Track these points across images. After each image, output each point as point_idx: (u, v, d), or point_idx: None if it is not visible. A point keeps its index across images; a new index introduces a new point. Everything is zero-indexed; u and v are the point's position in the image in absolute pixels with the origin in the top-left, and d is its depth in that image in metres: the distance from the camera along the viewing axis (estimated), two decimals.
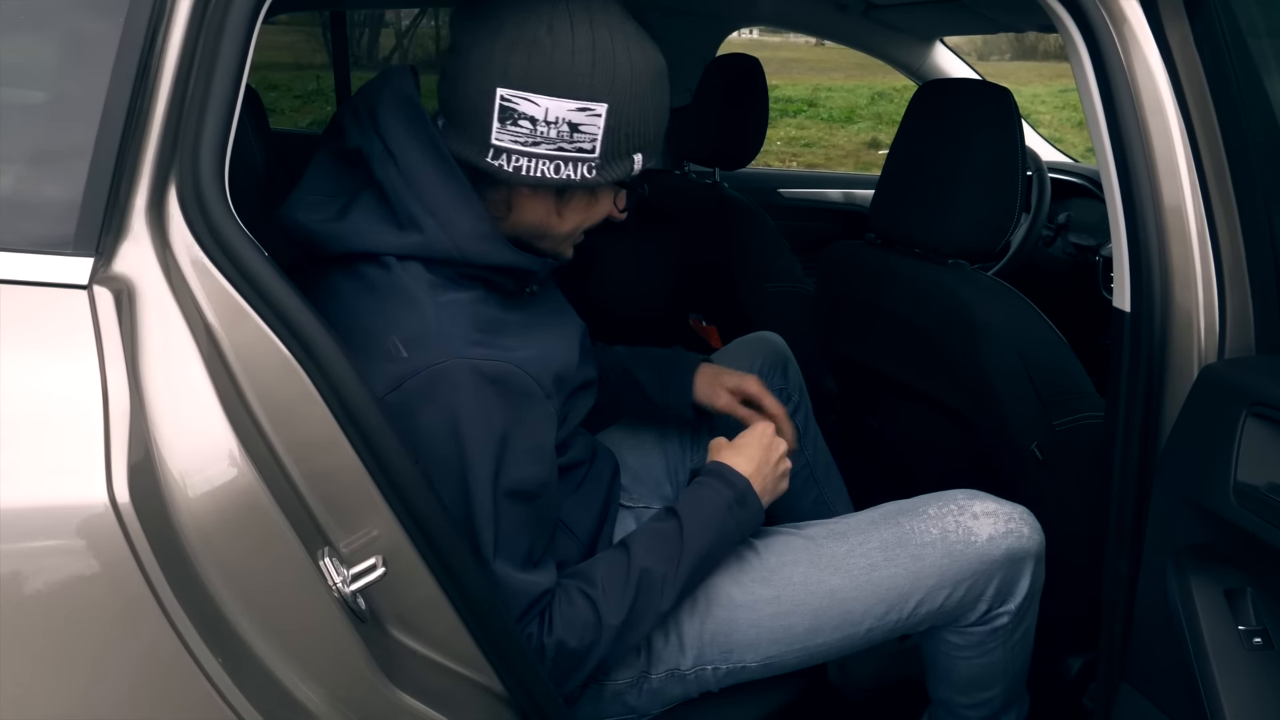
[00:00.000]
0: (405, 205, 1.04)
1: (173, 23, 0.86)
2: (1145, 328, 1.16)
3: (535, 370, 1.06)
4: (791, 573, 1.27)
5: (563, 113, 1.03)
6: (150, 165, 0.85)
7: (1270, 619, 0.98)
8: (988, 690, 1.42)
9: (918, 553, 1.26)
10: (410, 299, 1.03)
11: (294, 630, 0.85)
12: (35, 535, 0.73)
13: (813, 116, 10.98)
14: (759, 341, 1.77)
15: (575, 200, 1.12)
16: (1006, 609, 1.31)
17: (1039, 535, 1.31)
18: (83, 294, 0.79)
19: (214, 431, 0.82)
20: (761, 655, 1.25)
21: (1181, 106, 1.11)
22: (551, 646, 1.09)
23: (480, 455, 1.02)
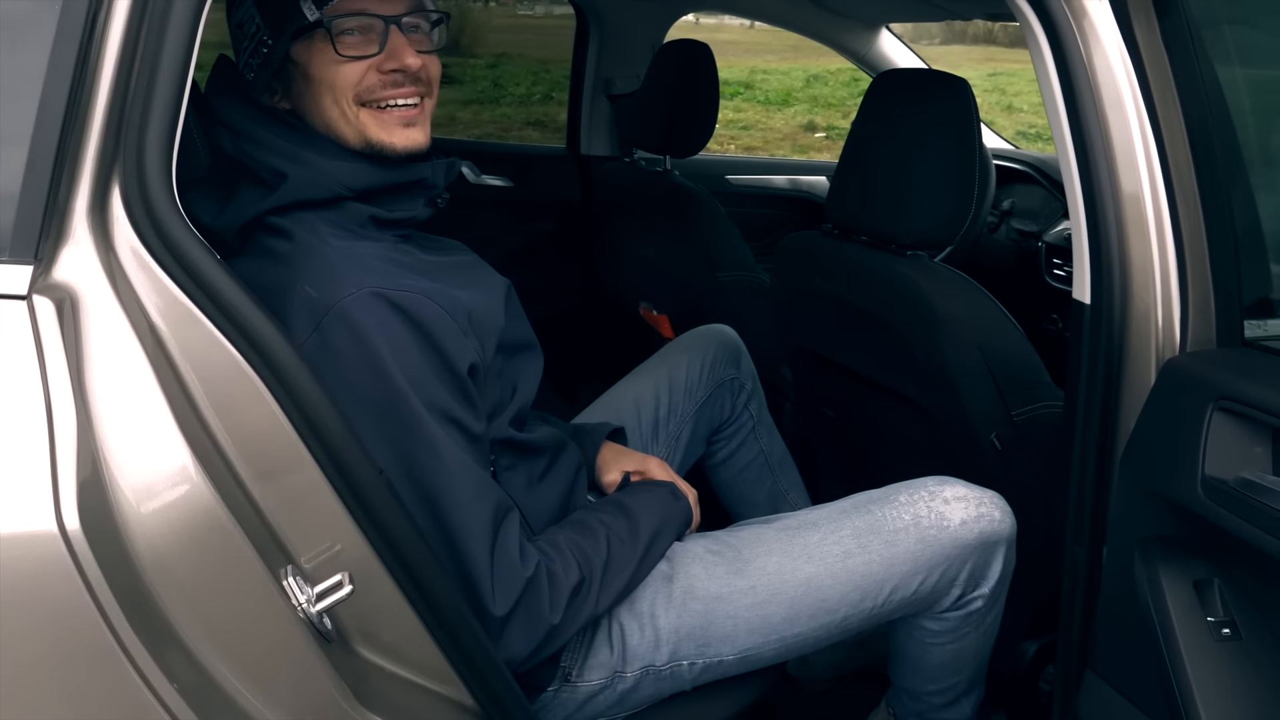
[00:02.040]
0: (266, 164, 1.08)
1: (114, 7, 0.81)
2: (1105, 320, 1.17)
3: (444, 302, 1.06)
4: (766, 563, 1.26)
5: (233, 24, 1.13)
6: (91, 163, 0.80)
7: (1238, 610, 1.00)
8: (957, 675, 1.43)
9: (891, 539, 1.26)
10: (312, 250, 1.05)
11: (257, 656, 0.81)
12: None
13: (749, 99, 10.99)
14: (711, 334, 1.77)
15: (296, 81, 1.13)
16: (980, 593, 1.32)
17: (1010, 519, 1.33)
18: (21, 304, 0.74)
19: (168, 447, 0.78)
20: (739, 648, 1.24)
21: (1147, 102, 1.12)
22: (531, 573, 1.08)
23: (404, 382, 1.02)
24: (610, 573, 1.17)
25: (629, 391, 1.70)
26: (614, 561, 1.18)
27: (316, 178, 1.08)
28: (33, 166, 0.76)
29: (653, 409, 1.67)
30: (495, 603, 1.04)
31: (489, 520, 1.06)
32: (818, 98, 10.88)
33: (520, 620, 1.07)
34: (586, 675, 1.22)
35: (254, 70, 1.11)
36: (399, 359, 1.02)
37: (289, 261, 1.04)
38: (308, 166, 1.08)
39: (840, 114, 10.07)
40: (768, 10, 2.83)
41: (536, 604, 1.08)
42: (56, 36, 0.77)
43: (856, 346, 1.73)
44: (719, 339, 1.75)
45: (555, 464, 1.32)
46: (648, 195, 2.46)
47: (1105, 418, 1.19)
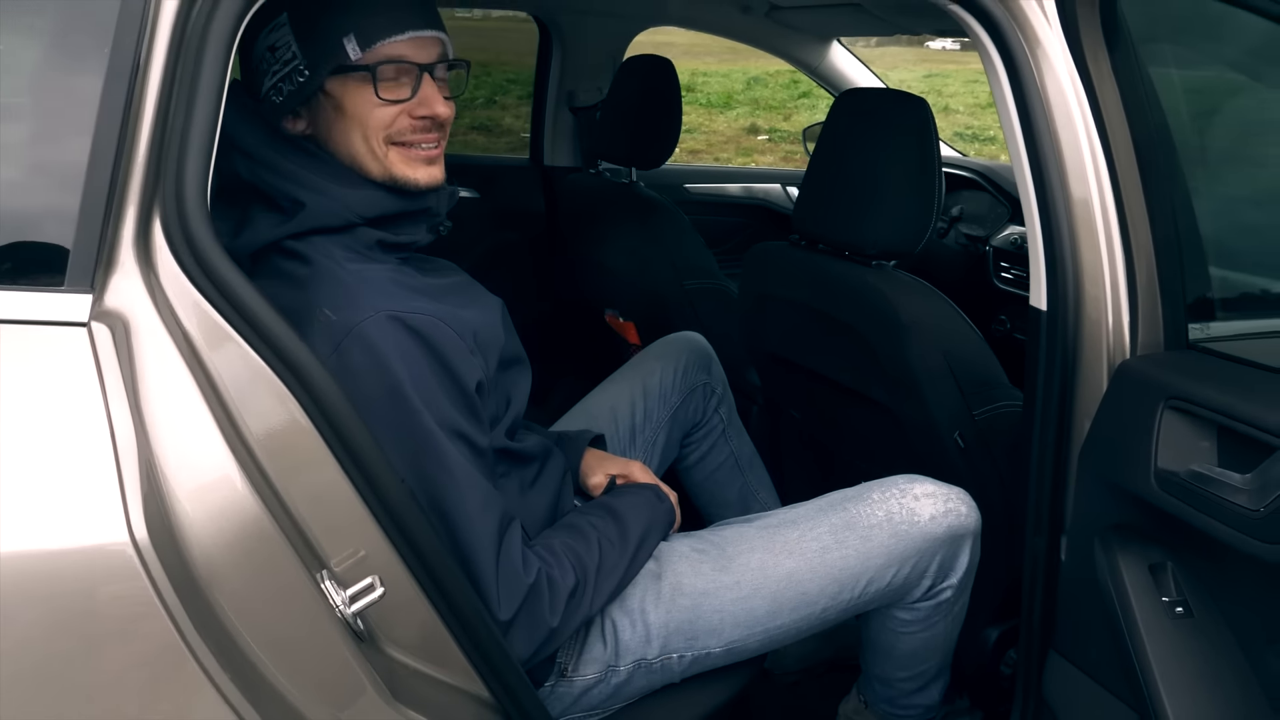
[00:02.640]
0: (283, 191, 1.13)
1: (152, 58, 0.86)
2: (1060, 325, 1.25)
3: (453, 324, 1.12)
4: (749, 559, 1.33)
5: (264, 42, 1.14)
6: (136, 196, 0.85)
7: (1190, 590, 1.09)
8: (926, 663, 1.52)
9: (866, 534, 1.35)
10: (328, 275, 1.10)
11: (301, 654, 0.87)
12: (64, 579, 0.73)
13: (691, 102, 10.95)
14: (683, 341, 1.85)
15: (325, 113, 1.17)
16: (949, 583, 1.41)
17: (975, 513, 1.41)
18: (83, 331, 0.79)
19: (215, 460, 0.83)
20: (725, 640, 1.31)
21: (1097, 122, 1.21)
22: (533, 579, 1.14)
23: (418, 400, 1.07)
24: (603, 575, 1.24)
25: (605, 399, 1.76)
26: (606, 564, 1.25)
27: (333, 206, 1.13)
28: (87, 202, 0.81)
29: (629, 415, 1.74)
30: (500, 608, 1.11)
31: (495, 531, 1.12)
32: (759, 100, 10.90)
33: (523, 624, 1.14)
34: (581, 670, 1.29)
35: (282, 95, 1.15)
36: (413, 378, 1.07)
37: (305, 285, 1.09)
38: (325, 195, 1.12)
39: (781, 116, 10.11)
40: (725, 26, 2.90)
41: (538, 609, 1.15)
42: (105, 84, 0.82)
43: (823, 352, 1.81)
44: (690, 346, 1.82)
45: (544, 470, 1.39)
46: (614, 206, 2.51)
47: (1062, 417, 1.28)
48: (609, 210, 2.52)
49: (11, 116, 0.83)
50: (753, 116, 10.36)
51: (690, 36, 3.30)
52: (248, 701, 0.79)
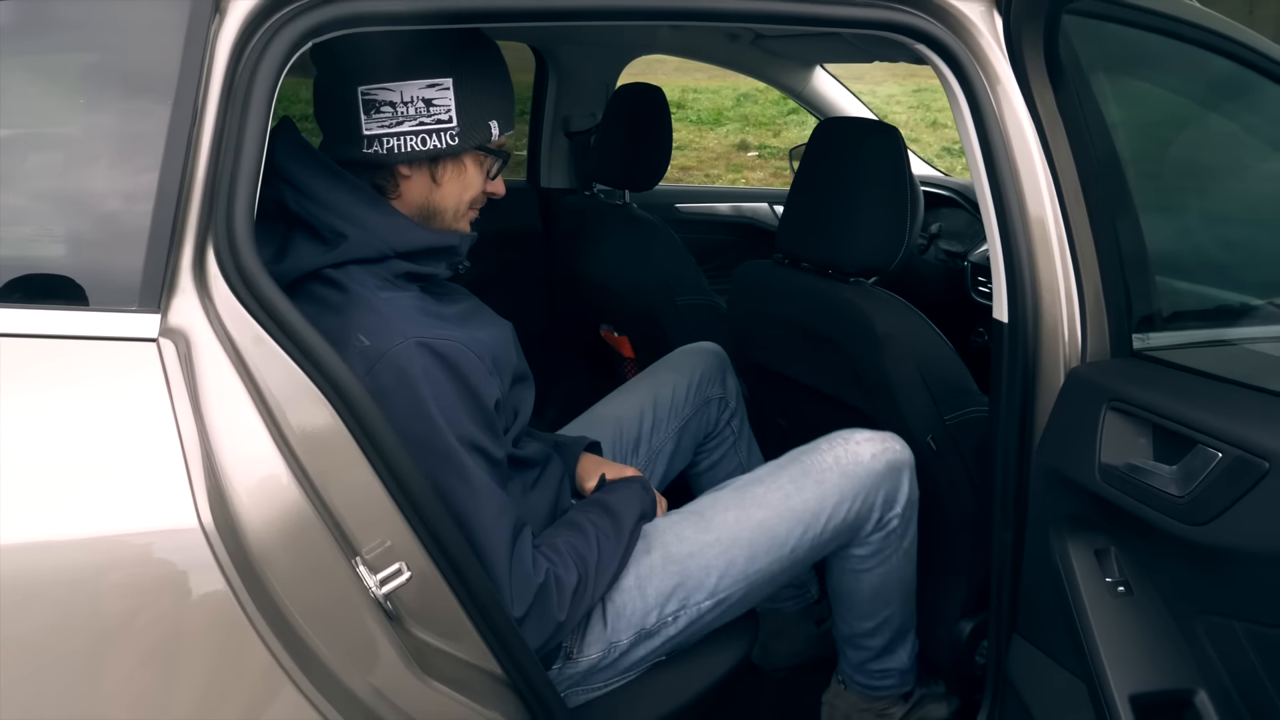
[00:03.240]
0: (326, 223, 1.24)
1: (206, 109, 0.97)
2: (1020, 336, 1.37)
3: (476, 349, 1.24)
4: (725, 517, 1.49)
5: (416, 92, 1.25)
6: (193, 231, 0.97)
7: (1131, 571, 1.22)
8: (887, 607, 1.67)
9: (820, 478, 1.52)
10: (362, 303, 1.22)
11: (341, 628, 0.98)
12: (143, 557, 0.85)
13: (681, 119, 10.91)
14: (700, 353, 1.97)
15: (448, 173, 1.32)
16: (895, 513, 1.58)
17: (908, 451, 1.60)
18: (153, 346, 0.90)
19: (265, 458, 0.95)
20: (711, 592, 1.45)
21: (1045, 152, 1.33)
22: (542, 579, 1.26)
23: (441, 418, 1.19)
24: (602, 568, 1.37)
25: (614, 408, 1.88)
26: (604, 557, 1.38)
27: (371, 240, 1.24)
28: (154, 235, 0.93)
29: (635, 424, 1.85)
30: (513, 606, 1.23)
31: (509, 537, 1.24)
32: (748, 116, 10.88)
33: (534, 619, 1.27)
34: (586, 651, 1.41)
35: (413, 146, 1.26)
36: (438, 399, 1.19)
37: (342, 311, 1.20)
38: (365, 229, 1.24)
39: (771, 133, 10.10)
40: (713, 54, 3.02)
41: (546, 605, 1.27)
42: (170, 127, 0.94)
43: (806, 363, 1.92)
44: (706, 359, 1.94)
45: (544, 474, 1.51)
46: (608, 226, 2.62)
47: (1023, 420, 1.39)
48: (603, 230, 2.63)
49: (87, 161, 0.95)
50: (743, 133, 10.37)
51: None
52: (296, 666, 0.91)
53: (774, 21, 1.33)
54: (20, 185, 0.94)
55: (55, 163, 0.96)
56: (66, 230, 0.94)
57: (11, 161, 0.94)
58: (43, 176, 0.95)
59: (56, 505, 0.84)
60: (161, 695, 0.86)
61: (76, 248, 0.93)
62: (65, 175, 0.95)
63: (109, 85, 0.96)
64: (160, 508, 0.86)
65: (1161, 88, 1.56)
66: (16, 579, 0.82)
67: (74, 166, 0.95)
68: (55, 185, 0.94)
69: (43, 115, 0.97)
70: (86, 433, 0.87)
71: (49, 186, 0.94)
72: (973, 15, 1.35)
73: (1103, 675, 1.15)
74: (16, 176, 0.94)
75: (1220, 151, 1.55)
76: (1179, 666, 1.14)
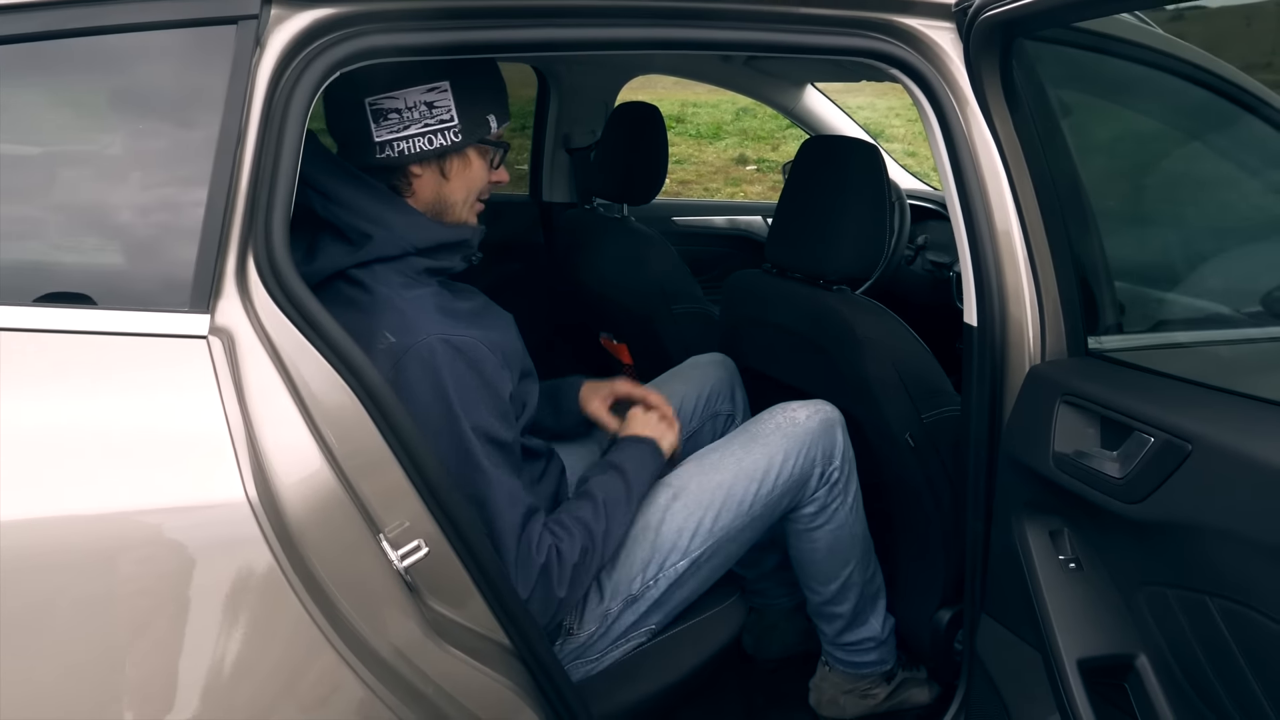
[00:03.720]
0: (352, 225, 1.37)
1: (248, 131, 1.10)
2: (989, 338, 1.48)
3: (489, 345, 1.37)
4: (689, 484, 1.64)
5: (417, 97, 1.38)
6: (236, 241, 1.08)
7: (1081, 549, 1.33)
8: (845, 566, 1.80)
9: (766, 441, 1.68)
10: (387, 303, 1.34)
11: (368, 596, 1.10)
12: (200, 526, 0.97)
13: (681, 133, 10.89)
14: (711, 366, 2.08)
15: (455, 168, 1.46)
16: (834, 465, 1.73)
17: (837, 411, 1.78)
18: (204, 343, 1.02)
19: (300, 443, 1.07)
20: (683, 551, 1.59)
21: (1007, 170, 1.45)
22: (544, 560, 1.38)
23: (460, 409, 1.31)
24: (609, 537, 1.50)
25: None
26: (612, 526, 1.50)
27: (394, 239, 1.37)
28: (203, 244, 1.05)
29: None
30: (519, 586, 1.35)
31: (519, 521, 1.36)
32: (747, 130, 10.94)
33: (538, 599, 1.39)
34: (585, 625, 1.54)
35: (421, 146, 1.40)
36: (458, 391, 1.31)
37: (369, 311, 1.33)
38: (388, 229, 1.37)
39: (769, 146, 10.18)
40: (708, 74, 3.15)
41: (547, 585, 1.39)
42: (218, 148, 1.06)
43: (793, 365, 2.04)
44: (717, 373, 2.06)
45: (548, 468, 1.63)
46: (607, 238, 2.73)
47: (993, 416, 1.50)
48: (603, 242, 2.74)
49: (143, 180, 1.07)
50: (741, 147, 10.37)
51: None
52: (330, 627, 1.03)
53: (759, 50, 1.45)
54: (85, 201, 1.06)
55: (115, 180, 1.07)
56: (128, 240, 1.06)
57: (77, 180, 1.06)
58: (105, 193, 1.07)
59: (125, 479, 0.96)
60: (217, 647, 0.98)
61: (136, 255, 1.05)
62: (124, 191, 1.07)
63: (164, 109, 1.08)
64: (213, 483, 0.98)
65: (1120, 105, 1.68)
66: (94, 545, 0.94)
67: (132, 184, 1.07)
68: (116, 200, 1.06)
69: (102, 137, 1.09)
70: (150, 417, 0.99)
71: (111, 201, 1.06)
72: (942, 42, 1.47)
73: (1054, 643, 1.26)
74: (82, 193, 1.06)
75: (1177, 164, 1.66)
76: (1123, 633, 1.25)
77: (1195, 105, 1.54)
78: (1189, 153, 1.61)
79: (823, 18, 1.43)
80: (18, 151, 1.06)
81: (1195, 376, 1.25)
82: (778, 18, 1.40)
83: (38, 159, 1.07)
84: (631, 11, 1.32)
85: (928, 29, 1.47)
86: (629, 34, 1.34)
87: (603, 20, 1.31)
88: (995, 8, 1.27)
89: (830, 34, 1.44)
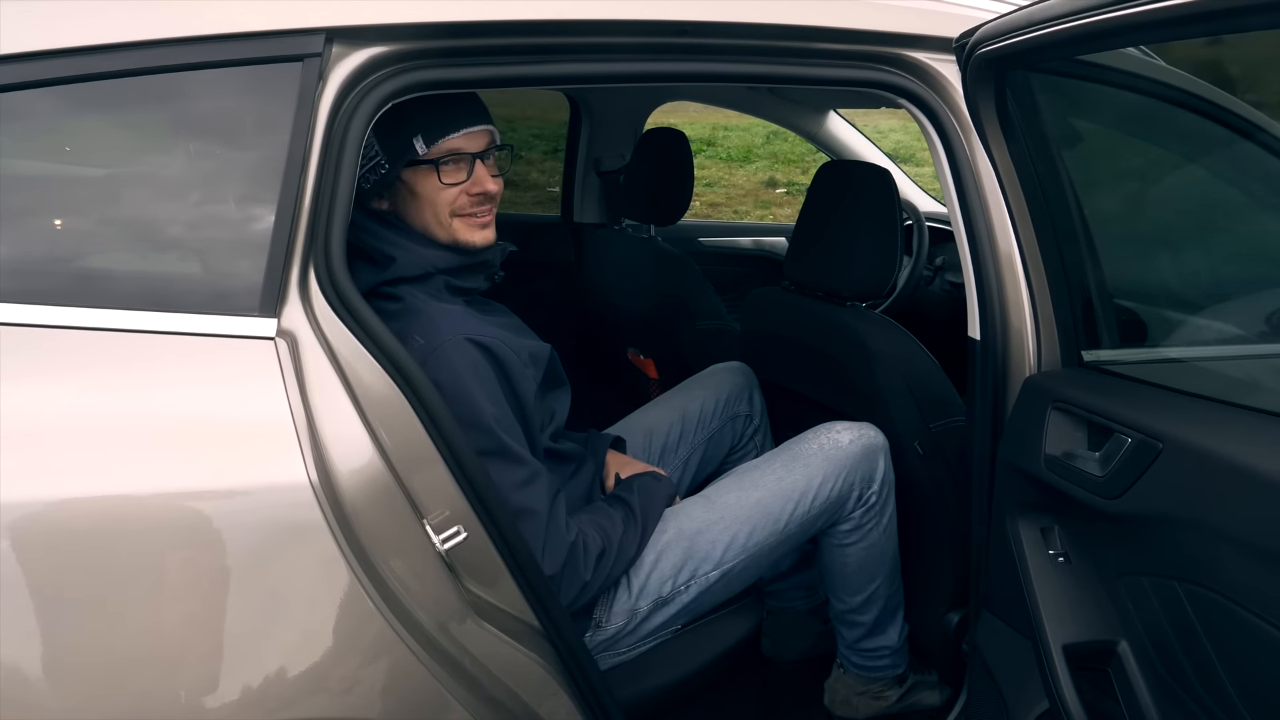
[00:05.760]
0: (377, 249, 1.48)
1: (311, 154, 1.22)
2: (991, 350, 1.57)
3: (512, 344, 1.47)
4: (727, 498, 1.72)
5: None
6: (300, 252, 1.21)
7: (1069, 544, 1.42)
8: (873, 581, 1.87)
9: (806, 462, 1.75)
10: (416, 310, 1.45)
11: (413, 573, 1.22)
12: (271, 505, 1.10)
13: (712, 156, 10.97)
14: (728, 372, 2.18)
15: (414, 194, 1.50)
16: (873, 489, 1.79)
17: (881, 436, 1.82)
18: (271, 344, 1.15)
19: (355, 435, 1.19)
20: (717, 563, 1.67)
21: (1004, 195, 1.55)
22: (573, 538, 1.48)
23: (484, 401, 1.41)
24: (625, 545, 1.60)
25: (645, 419, 2.11)
26: (627, 536, 1.61)
27: (414, 260, 1.48)
28: (272, 255, 1.18)
29: (664, 435, 2.08)
30: (546, 563, 1.45)
31: (546, 501, 1.47)
32: (778, 154, 10.99)
33: (566, 577, 1.49)
34: (613, 619, 1.63)
35: (370, 183, 1.50)
36: (482, 385, 1.42)
37: (398, 317, 1.44)
38: (408, 253, 1.48)
39: (800, 170, 10.17)
40: (734, 101, 3.27)
41: (574, 565, 1.50)
42: (285, 169, 1.19)
43: (810, 377, 2.14)
44: (735, 378, 2.16)
45: (580, 469, 1.75)
46: (636, 258, 2.85)
47: (995, 424, 1.59)
48: (631, 262, 2.86)
49: (219, 198, 1.21)
50: (772, 170, 10.35)
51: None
52: (381, 599, 1.15)
53: (775, 82, 1.57)
54: (166, 217, 1.19)
55: (193, 200, 1.21)
56: (204, 251, 1.19)
57: (159, 199, 1.20)
58: (183, 210, 1.20)
59: (202, 462, 1.09)
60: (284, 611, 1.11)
61: (212, 266, 1.18)
62: (201, 209, 1.20)
63: (236, 137, 1.21)
64: (281, 466, 1.10)
65: (1117, 132, 1.76)
66: (177, 522, 1.08)
67: (208, 203, 1.21)
68: (193, 217, 1.20)
69: (181, 162, 1.23)
70: (225, 408, 1.12)
71: (189, 218, 1.19)
72: (947, 74, 1.57)
73: (1042, 631, 1.36)
74: (163, 211, 1.19)
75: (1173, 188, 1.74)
76: (1105, 621, 1.35)
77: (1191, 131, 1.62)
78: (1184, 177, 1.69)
79: (836, 52, 1.54)
80: (107, 174, 1.20)
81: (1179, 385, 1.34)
82: (796, 52, 1.52)
83: (125, 181, 1.21)
84: (656, 48, 1.44)
85: (934, 62, 1.57)
86: (655, 68, 1.46)
87: (630, 56, 1.43)
88: (990, 44, 1.38)
89: (842, 67, 1.55)
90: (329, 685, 1.15)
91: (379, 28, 1.25)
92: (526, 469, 1.46)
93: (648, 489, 1.72)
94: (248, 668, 1.10)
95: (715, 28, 1.43)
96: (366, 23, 1.24)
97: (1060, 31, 1.25)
